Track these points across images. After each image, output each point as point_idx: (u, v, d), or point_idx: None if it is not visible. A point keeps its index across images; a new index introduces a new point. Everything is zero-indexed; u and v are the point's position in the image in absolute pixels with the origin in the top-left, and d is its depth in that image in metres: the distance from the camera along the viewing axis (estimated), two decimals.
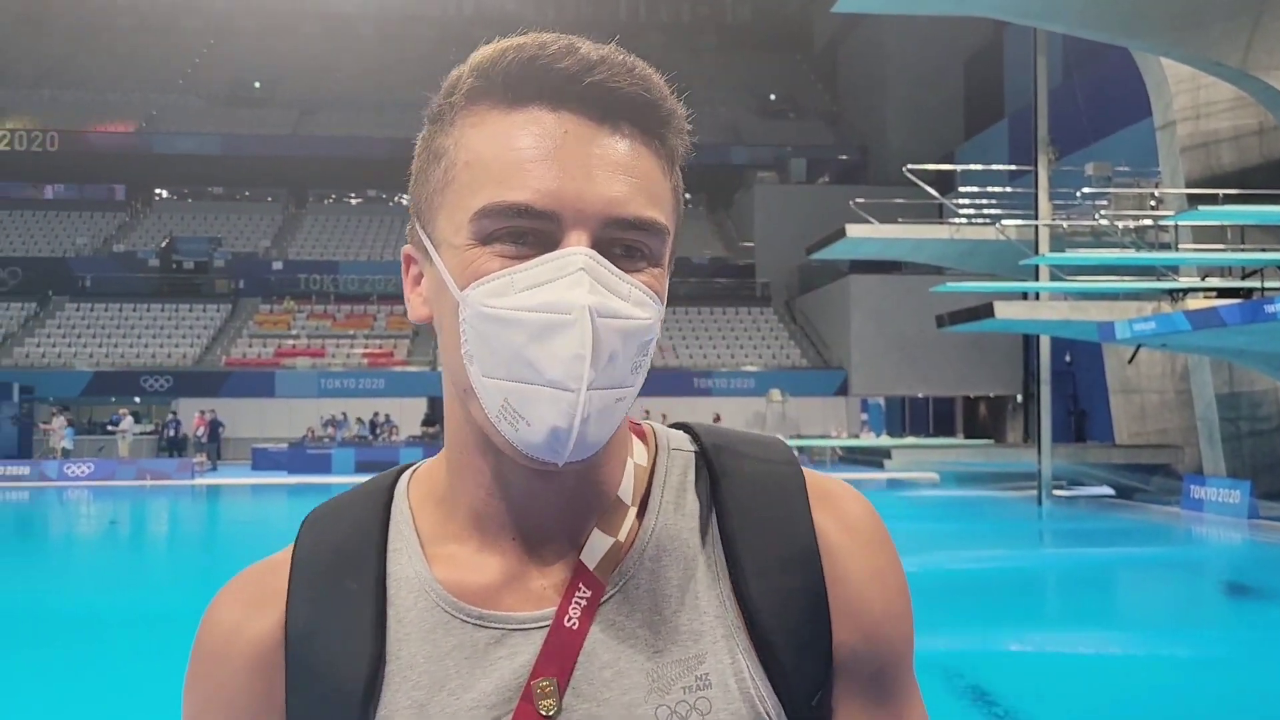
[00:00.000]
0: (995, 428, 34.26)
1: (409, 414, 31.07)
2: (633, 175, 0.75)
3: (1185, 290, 16.14)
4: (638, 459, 0.85)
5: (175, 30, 51.11)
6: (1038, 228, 18.56)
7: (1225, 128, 18.30)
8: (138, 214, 43.73)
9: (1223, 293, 15.48)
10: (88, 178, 44.29)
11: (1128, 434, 21.64)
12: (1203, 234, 17.33)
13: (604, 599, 0.79)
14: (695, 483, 0.85)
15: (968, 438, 31.75)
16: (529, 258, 0.73)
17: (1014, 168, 24.33)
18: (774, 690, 0.79)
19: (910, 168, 19.75)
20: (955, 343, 29.27)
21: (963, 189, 24.18)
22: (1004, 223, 19.71)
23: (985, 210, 21.64)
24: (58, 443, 26.50)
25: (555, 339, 0.71)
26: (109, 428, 28.93)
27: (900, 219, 21.62)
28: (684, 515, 0.83)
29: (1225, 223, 16.35)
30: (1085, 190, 20.02)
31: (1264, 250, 15.88)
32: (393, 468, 0.90)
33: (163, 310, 36.24)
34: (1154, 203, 18.97)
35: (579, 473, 0.79)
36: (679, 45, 51.21)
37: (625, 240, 0.75)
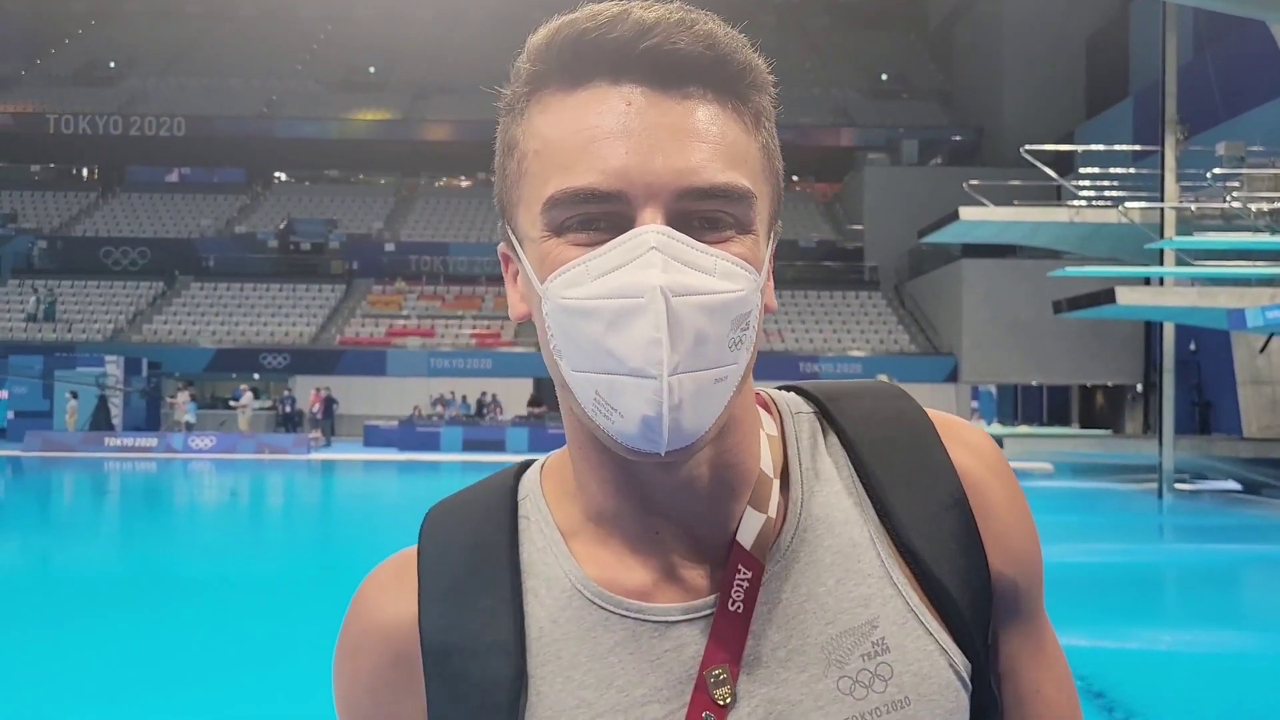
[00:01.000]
0: (1113, 418, 33.14)
1: (515, 394, 31.52)
2: (705, 140, 0.71)
3: None
4: (768, 429, 0.82)
5: (294, 17, 52.64)
6: (1163, 210, 17.80)
7: None
8: (258, 196, 45.26)
9: None
10: (212, 161, 46.03)
11: (1257, 426, 20.71)
12: None
13: (765, 578, 0.77)
14: (825, 443, 0.83)
15: (1084, 428, 30.80)
16: (603, 243, 0.71)
17: (1138, 148, 23.36)
18: (954, 640, 0.78)
19: (1028, 148, 19.16)
20: (1071, 330, 28.37)
21: (1083, 170, 23.36)
22: (1127, 205, 18.97)
23: (1107, 192, 20.87)
24: (181, 416, 27.67)
25: (631, 325, 0.68)
26: (230, 403, 30.08)
27: (1016, 201, 21.00)
28: (825, 479, 0.81)
29: None
30: (1216, 171, 19.11)
31: None
32: (510, 466, 0.87)
33: (280, 290, 37.47)
34: None
35: (712, 462, 0.76)
36: (790, 25, 50.61)
37: (703, 211, 0.71)
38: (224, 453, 25.30)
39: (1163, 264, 17.93)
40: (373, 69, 50.49)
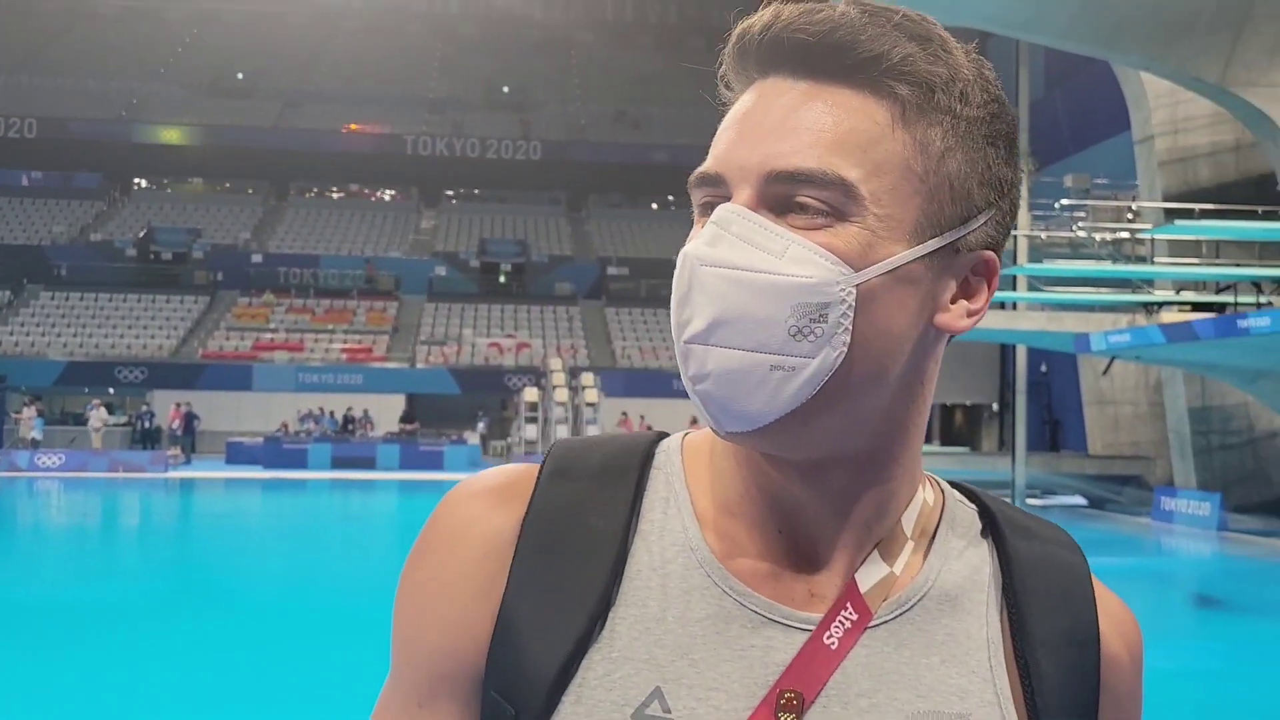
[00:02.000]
0: (972, 436, 34.49)
1: (387, 410, 30.96)
2: (811, 128, 0.70)
3: (1160, 304, 16.31)
4: (926, 496, 0.80)
5: (158, 19, 50.81)
6: (1016, 238, 18.69)
7: (1203, 143, 18.50)
8: (116, 203, 43.41)
9: (1197, 307, 15.65)
10: (66, 166, 43.96)
11: (1101, 444, 21.83)
12: (1178, 248, 17.50)
13: (870, 626, 0.74)
14: (980, 539, 0.81)
15: (945, 445, 31.94)
16: None
17: None
18: None
19: None
20: None
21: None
22: None
23: None
24: (27, 432, 26.27)
25: (674, 291, 0.71)
26: (88, 418, 28.71)
27: None
28: (967, 567, 0.79)
29: (1201, 238, 16.52)
30: (1064, 202, 20.18)
31: (1238, 265, 16.06)
32: (644, 432, 0.85)
33: (139, 301, 35.99)
34: (1131, 216, 19.13)
35: (848, 485, 0.74)
36: (668, 46, 51.29)
37: (791, 195, 0.70)
38: (74, 471, 24.10)
39: (1016, 289, 18.80)
40: (241, 75, 49.08)
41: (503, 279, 40.92)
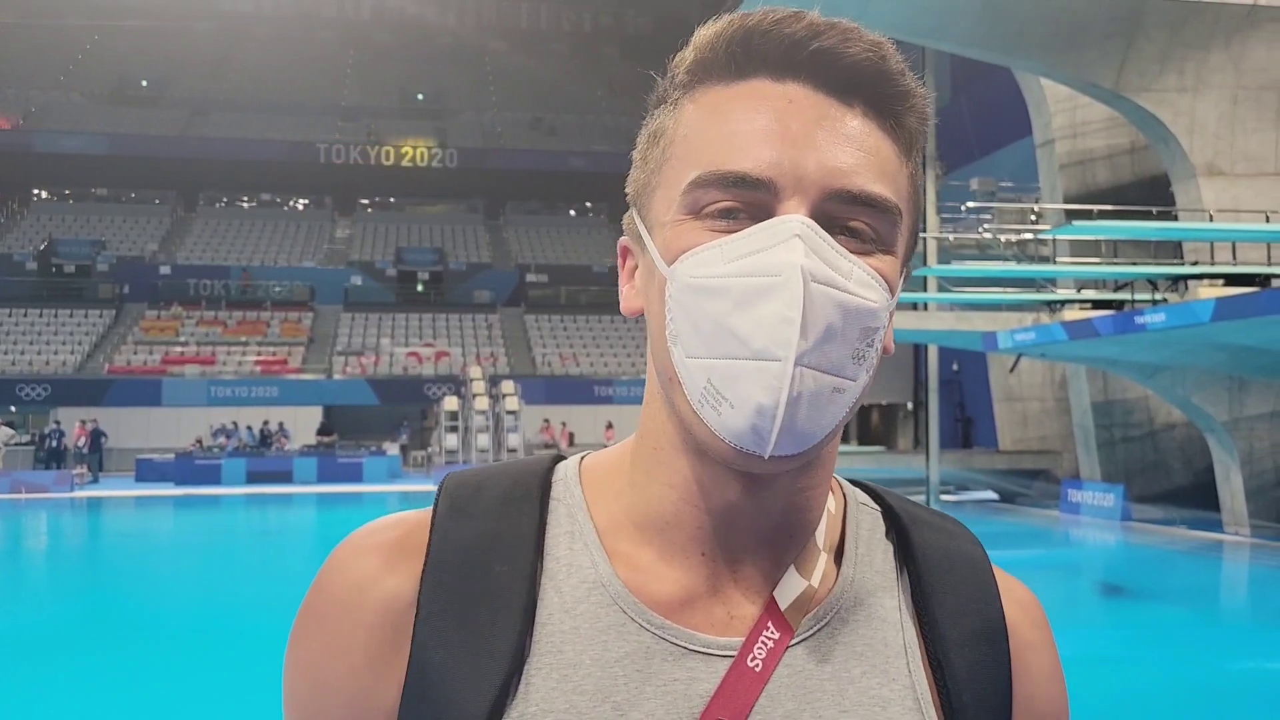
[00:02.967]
0: (887, 435, 35.12)
1: (304, 422, 30.40)
2: (861, 149, 0.68)
3: (1062, 302, 16.82)
4: (829, 506, 0.78)
5: (56, 25, 49.19)
6: (925, 240, 19.12)
7: (1100, 146, 19.14)
8: (14, 215, 41.90)
9: (1097, 304, 16.17)
10: None
11: (1010, 440, 22.40)
12: (1079, 248, 18.08)
13: (792, 644, 0.73)
14: (885, 541, 0.80)
15: (861, 445, 32.47)
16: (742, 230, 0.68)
17: None
18: None
19: None
20: None
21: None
22: None
23: None
24: None
25: (763, 303, 0.65)
26: None
27: None
28: (876, 572, 0.78)
29: (1099, 237, 17.08)
30: (970, 205, 20.70)
31: (1135, 264, 16.64)
32: (538, 454, 0.82)
33: (41, 316, 34.78)
34: (1034, 217, 19.72)
35: (787, 498, 0.73)
36: (582, 53, 51.33)
37: (848, 218, 0.68)
38: None
39: (926, 290, 19.21)
40: (146, 82, 47.80)
41: (420, 288, 40.47)
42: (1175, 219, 16.33)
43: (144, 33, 49.49)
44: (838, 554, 0.78)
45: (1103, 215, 16.95)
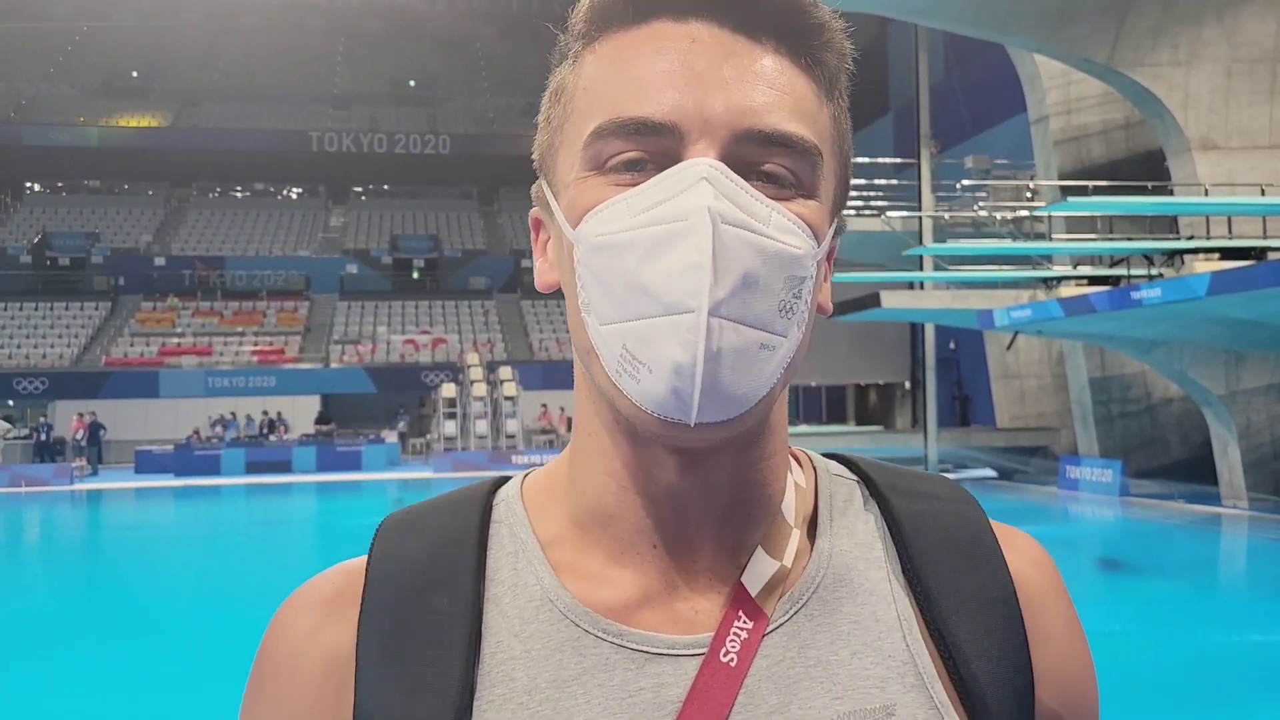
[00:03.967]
0: (885, 414, 35.15)
1: (302, 412, 30.40)
2: (774, 88, 0.63)
3: (1059, 279, 16.81)
4: (797, 479, 0.73)
5: (45, 15, 48.96)
6: (921, 219, 19.11)
7: (1095, 122, 19.11)
8: (7, 209, 41.78)
9: (1093, 280, 16.17)
10: None
11: (1008, 417, 22.45)
12: (1075, 224, 18.07)
13: (768, 631, 0.67)
14: (864, 511, 0.74)
15: (859, 424, 32.52)
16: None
17: (898, 161, 24.98)
18: None
19: None
20: (846, 332, 29.93)
21: (850, 181, 24.68)
22: (889, 214, 20.23)
23: (872, 202, 22.18)
24: None
25: (670, 250, 0.60)
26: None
27: None
28: (858, 544, 0.72)
29: (1095, 213, 17.07)
30: (965, 182, 20.66)
31: (1130, 240, 16.63)
32: (481, 481, 0.76)
33: (36, 309, 34.74)
34: (1029, 194, 19.70)
35: (734, 474, 0.67)
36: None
37: (763, 161, 0.63)
38: None
39: (922, 269, 19.21)
40: (136, 73, 47.59)
41: (416, 275, 40.43)
42: (1170, 193, 16.32)
43: (132, 24, 49.25)
44: (811, 529, 0.72)
45: (1098, 191, 16.94)
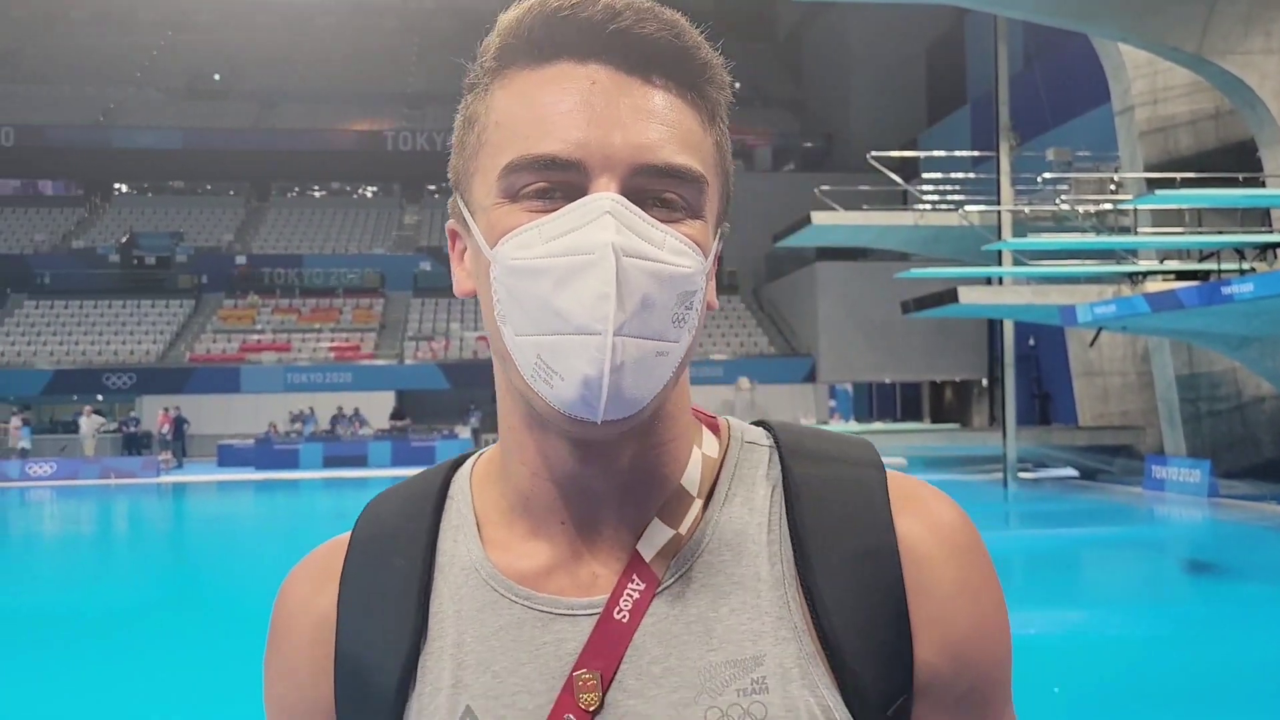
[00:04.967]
0: (961, 412, 34.60)
1: (377, 407, 30.91)
2: (664, 123, 0.73)
3: (1144, 273, 16.36)
4: (707, 450, 0.81)
5: (131, 22, 50.37)
6: (1000, 213, 18.73)
7: (1183, 112, 18.54)
8: (97, 209, 43.13)
9: (1181, 275, 15.71)
10: (44, 173, 43.63)
11: (1090, 416, 21.93)
12: (1161, 218, 17.56)
13: (658, 592, 0.76)
14: (767, 478, 0.81)
15: (934, 422, 32.04)
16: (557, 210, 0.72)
17: (976, 154, 24.52)
18: (842, 699, 0.74)
19: (874, 155, 19.85)
20: (921, 328, 29.51)
21: (926, 175, 24.33)
22: (967, 208, 19.87)
23: (949, 196, 21.81)
24: (15, 443, 26.16)
25: (579, 280, 0.69)
26: (79, 425, 28.58)
27: (865, 206, 21.72)
28: (751, 510, 0.79)
29: (1183, 206, 16.58)
30: (1046, 175, 20.21)
31: (1220, 233, 16.12)
32: (451, 459, 0.88)
33: (124, 307, 35.81)
34: (1113, 187, 19.18)
35: (633, 458, 0.77)
36: None
37: (657, 190, 0.72)
38: (65, 479, 24.02)
39: (1001, 264, 18.84)
40: (218, 76, 48.75)
41: None
42: (1263, 185, 15.76)
43: (213, 27, 50.44)
44: (710, 497, 0.80)
45: (1186, 183, 16.43)
